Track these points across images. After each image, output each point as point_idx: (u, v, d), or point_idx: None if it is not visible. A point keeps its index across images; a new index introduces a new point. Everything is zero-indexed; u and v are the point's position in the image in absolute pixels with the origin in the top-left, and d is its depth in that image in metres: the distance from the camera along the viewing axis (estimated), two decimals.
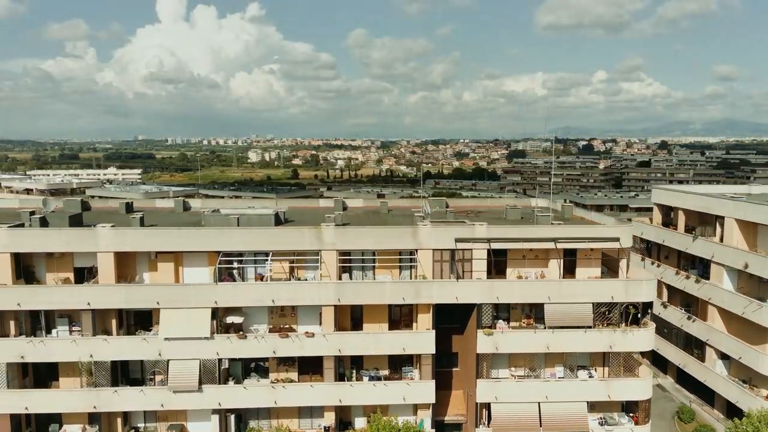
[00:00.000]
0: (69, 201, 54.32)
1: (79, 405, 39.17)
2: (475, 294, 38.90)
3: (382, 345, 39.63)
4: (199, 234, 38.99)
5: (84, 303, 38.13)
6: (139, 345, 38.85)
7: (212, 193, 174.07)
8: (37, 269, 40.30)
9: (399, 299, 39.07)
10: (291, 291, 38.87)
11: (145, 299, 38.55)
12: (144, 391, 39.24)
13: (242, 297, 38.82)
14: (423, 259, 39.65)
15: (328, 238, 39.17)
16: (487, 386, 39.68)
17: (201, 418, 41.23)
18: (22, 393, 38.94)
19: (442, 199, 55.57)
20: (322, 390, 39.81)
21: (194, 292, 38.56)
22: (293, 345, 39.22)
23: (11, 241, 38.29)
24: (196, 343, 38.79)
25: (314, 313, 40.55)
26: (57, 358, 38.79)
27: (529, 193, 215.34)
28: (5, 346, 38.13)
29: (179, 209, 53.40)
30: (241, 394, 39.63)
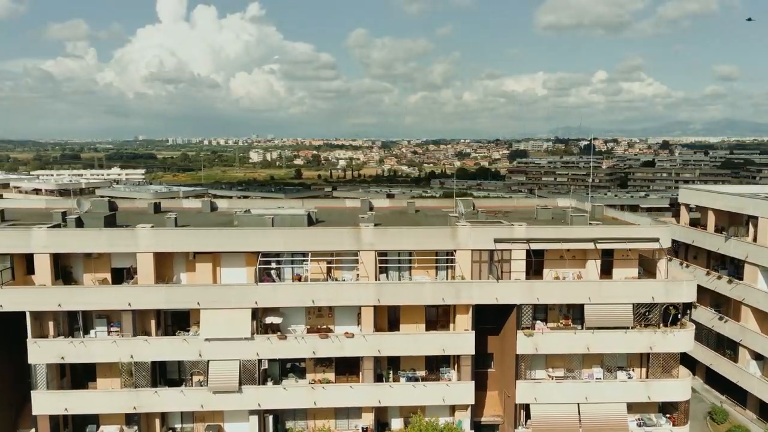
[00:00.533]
0: (97, 201, 54.23)
1: (119, 406, 39.14)
2: (515, 295, 38.85)
3: (421, 346, 39.60)
4: (239, 234, 38.94)
5: (125, 303, 38.09)
6: (179, 346, 38.80)
7: (220, 193, 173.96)
8: (75, 270, 40.25)
9: (439, 300, 39.04)
10: (331, 291, 38.82)
11: (186, 300, 38.50)
12: (184, 391, 39.19)
13: (282, 297, 38.77)
14: (461, 260, 39.60)
15: (366, 238, 39.13)
16: (526, 387, 39.62)
17: (238, 419, 41.19)
18: (62, 394, 38.87)
19: (469, 200, 55.52)
20: (361, 391, 39.77)
21: (235, 292, 38.50)
22: (333, 345, 39.18)
23: (51, 242, 38.22)
24: (236, 343, 38.73)
25: (351, 313, 40.53)
26: (97, 359, 38.73)
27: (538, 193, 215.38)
28: (46, 347, 38.06)
29: (206, 210, 53.26)
30: (280, 394, 39.60)
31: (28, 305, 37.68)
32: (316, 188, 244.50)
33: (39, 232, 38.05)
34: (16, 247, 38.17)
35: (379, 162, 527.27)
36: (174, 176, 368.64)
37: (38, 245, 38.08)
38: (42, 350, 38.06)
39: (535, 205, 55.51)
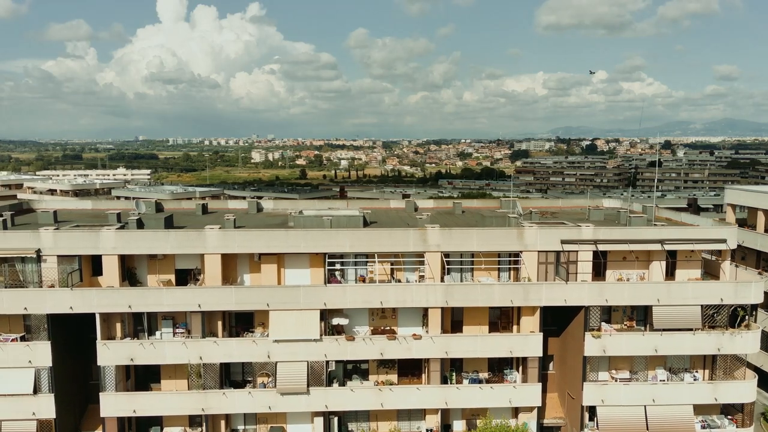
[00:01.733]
0: (140, 202, 54.15)
1: (187, 407, 39.11)
2: (584, 296, 38.82)
3: (488, 347, 39.59)
4: (306, 236, 38.88)
5: (195, 305, 38.05)
6: (248, 347, 38.77)
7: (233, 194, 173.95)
8: (139, 271, 40.23)
9: (507, 301, 39.03)
10: (399, 293, 38.78)
11: (256, 301, 38.45)
12: (251, 393, 39.13)
13: (351, 299, 38.71)
14: (527, 261, 39.58)
15: (433, 239, 39.12)
16: (594, 389, 39.58)
17: (300, 420, 41.23)
18: (130, 396, 38.82)
19: (514, 200, 55.50)
20: (428, 392, 39.76)
21: (304, 293, 38.47)
22: (400, 347, 39.16)
23: (119, 243, 38.18)
24: (304, 344, 38.72)
25: (415, 314, 40.55)
26: (167, 361, 38.67)
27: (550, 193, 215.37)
28: (116, 348, 38.01)
29: (253, 210, 53.32)
30: (347, 396, 39.57)
31: (99, 307, 37.64)
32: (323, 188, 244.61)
33: (108, 233, 38.00)
34: (84, 248, 38.10)
35: (381, 162, 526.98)
36: (178, 176, 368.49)
37: (107, 247, 38.04)
38: (111, 352, 37.99)
39: (579, 206, 55.84)
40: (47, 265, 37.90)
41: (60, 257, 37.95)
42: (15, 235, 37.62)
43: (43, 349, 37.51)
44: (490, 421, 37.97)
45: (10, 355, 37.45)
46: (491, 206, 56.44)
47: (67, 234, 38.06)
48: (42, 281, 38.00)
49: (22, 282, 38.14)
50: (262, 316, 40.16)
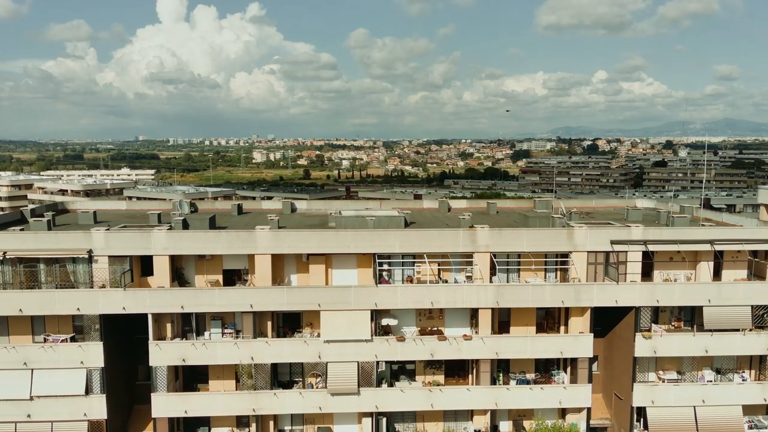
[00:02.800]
0: (178, 203, 54.13)
1: (237, 408, 39.12)
2: (635, 297, 38.83)
3: (539, 348, 39.58)
4: (357, 236, 38.86)
5: (247, 305, 38.04)
6: (299, 347, 38.77)
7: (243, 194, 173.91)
8: (187, 271, 40.18)
9: (558, 302, 39.03)
10: (450, 293, 38.77)
11: (307, 301, 38.44)
12: (302, 393, 39.12)
13: (402, 299, 38.71)
14: (576, 262, 39.58)
15: (482, 240, 39.12)
16: (644, 390, 39.60)
17: (346, 421, 41.23)
18: (182, 396, 38.80)
19: (549, 200, 55.58)
20: (478, 393, 39.77)
21: (355, 294, 38.45)
22: (451, 348, 39.16)
23: (171, 244, 38.14)
24: (355, 345, 38.71)
25: (462, 315, 40.56)
26: (218, 361, 38.65)
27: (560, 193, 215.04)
28: (168, 349, 37.99)
29: (287, 211, 53.40)
30: (397, 396, 39.57)
31: (151, 307, 37.62)
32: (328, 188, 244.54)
33: (159, 234, 37.97)
34: (136, 249, 38.05)
35: (383, 162, 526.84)
36: (181, 176, 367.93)
37: (158, 247, 38.01)
38: (163, 352, 37.97)
39: (612, 206, 55.92)
40: (98, 266, 37.86)
41: (111, 258, 37.89)
42: (67, 236, 37.59)
43: (95, 350, 37.50)
44: (543, 422, 37.94)
45: (62, 355, 37.41)
46: (524, 206, 56.54)
47: (119, 235, 38.03)
48: (93, 282, 37.92)
49: (73, 283, 38.08)
50: (309, 316, 40.16)
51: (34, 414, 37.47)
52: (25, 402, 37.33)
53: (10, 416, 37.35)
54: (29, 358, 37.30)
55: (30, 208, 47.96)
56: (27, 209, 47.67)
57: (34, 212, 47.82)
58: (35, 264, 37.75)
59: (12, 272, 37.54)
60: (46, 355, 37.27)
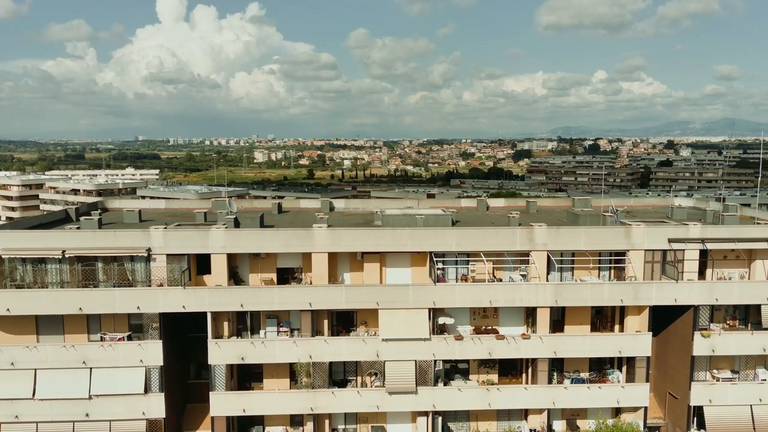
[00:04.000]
0: (216, 202, 54.01)
1: (295, 406, 39.02)
2: (694, 295, 38.72)
3: (597, 347, 39.46)
4: (414, 234, 38.73)
5: (306, 303, 37.89)
6: (357, 346, 38.64)
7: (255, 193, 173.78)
8: (241, 269, 40.05)
9: (617, 301, 38.92)
10: (508, 292, 38.64)
11: (366, 300, 38.31)
12: (360, 392, 38.96)
13: (460, 298, 38.57)
14: (634, 260, 39.46)
15: (540, 238, 38.99)
16: (701, 389, 39.50)
17: (400, 420, 41.13)
18: (240, 395, 38.68)
19: (588, 199, 55.53)
20: (535, 392, 39.64)
21: (413, 292, 38.32)
22: (508, 347, 39.03)
23: (228, 242, 37.98)
24: (412, 344, 38.56)
25: (517, 314, 40.44)
26: (276, 359, 38.53)
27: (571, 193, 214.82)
28: (226, 347, 37.85)
29: (326, 210, 53.29)
30: (455, 396, 39.45)
31: (211, 306, 37.50)
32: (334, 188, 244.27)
33: (217, 232, 37.83)
34: (194, 247, 37.91)
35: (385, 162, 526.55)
36: (185, 176, 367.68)
37: (216, 245, 37.86)
38: (222, 351, 37.81)
39: (650, 205, 55.87)
40: (156, 264, 37.71)
41: (169, 256, 37.73)
42: (126, 234, 37.42)
43: (155, 349, 37.33)
44: (605, 421, 37.81)
45: (122, 354, 37.26)
46: (563, 205, 56.46)
47: (177, 233, 37.89)
48: (151, 280, 37.75)
49: (131, 281, 37.91)
50: (364, 315, 40.04)
51: (93, 413, 37.30)
52: (83, 401, 37.16)
53: (68, 416, 37.20)
54: (88, 357, 37.13)
55: (75, 208, 47.72)
56: (72, 208, 47.48)
57: (79, 211, 47.68)
58: (93, 262, 37.56)
59: (69, 271, 37.32)
60: (106, 354, 37.10)
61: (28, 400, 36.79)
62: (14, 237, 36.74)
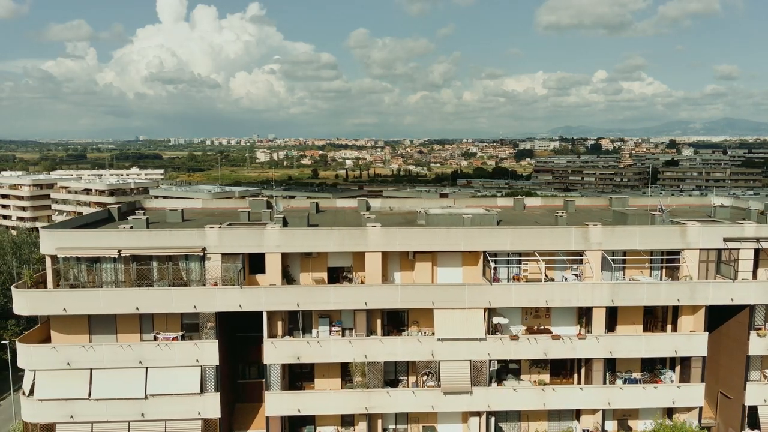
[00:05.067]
0: (254, 201, 53.89)
1: (350, 406, 38.82)
2: (750, 294, 38.53)
3: (652, 347, 39.27)
4: (467, 233, 38.52)
5: (361, 303, 37.69)
6: (412, 345, 38.42)
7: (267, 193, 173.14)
8: (292, 269, 39.82)
9: (673, 300, 38.74)
10: (565, 292, 38.43)
11: (421, 299, 38.11)
12: (415, 392, 38.75)
13: (515, 297, 38.38)
14: (688, 260, 39.26)
15: (595, 237, 38.78)
16: (756, 389, 39.34)
17: (451, 420, 40.99)
18: (296, 395, 38.52)
19: (626, 198, 55.36)
20: (591, 392, 39.45)
21: (468, 292, 38.14)
22: (564, 347, 38.83)
23: (283, 241, 37.78)
24: (467, 343, 38.37)
25: (568, 313, 40.24)
26: (331, 359, 38.35)
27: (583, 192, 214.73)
28: (282, 347, 37.67)
29: (362, 209, 53.13)
30: (510, 396, 39.25)
31: (267, 305, 37.32)
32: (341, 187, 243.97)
33: (272, 231, 37.63)
34: (249, 246, 37.70)
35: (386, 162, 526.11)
36: (188, 176, 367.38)
37: (271, 245, 37.66)
38: (278, 350, 37.61)
39: (688, 204, 55.69)
40: (211, 263, 37.49)
41: (224, 255, 37.51)
42: (181, 233, 37.23)
43: (211, 348, 37.13)
44: (664, 422, 37.64)
45: (178, 354, 37.04)
46: (599, 204, 56.27)
47: (232, 232, 37.66)
48: (205, 279, 37.54)
49: (185, 280, 37.69)
50: (415, 314, 39.87)
51: (148, 413, 37.05)
52: (139, 401, 36.91)
53: (123, 416, 36.95)
54: (144, 357, 36.90)
55: (117, 207, 47.46)
56: (114, 208, 47.22)
57: (121, 210, 47.46)
58: (148, 262, 37.33)
59: (124, 270, 37.09)
60: (162, 354, 36.87)
61: (84, 400, 36.52)
62: (70, 236, 36.52)
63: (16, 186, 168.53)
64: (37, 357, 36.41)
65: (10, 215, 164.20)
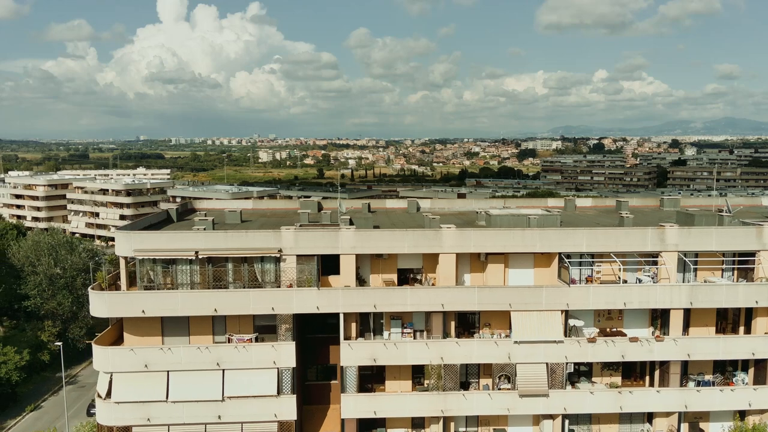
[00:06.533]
0: (305, 202, 53.56)
1: (425, 409, 38.54)
2: None
3: (729, 349, 38.90)
4: (543, 235, 38.15)
5: (438, 305, 37.34)
6: (488, 348, 38.07)
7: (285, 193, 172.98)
8: (362, 270, 39.43)
9: (751, 302, 38.41)
10: (643, 294, 38.05)
11: (498, 301, 37.74)
12: (491, 395, 38.39)
13: (593, 299, 38.02)
14: (765, 260, 38.91)
15: (671, 239, 38.41)
16: None
17: (521, 423, 40.63)
18: (372, 397, 38.13)
19: (678, 198, 55.05)
20: (667, 395, 39.09)
21: (546, 294, 37.75)
22: (642, 349, 38.49)
23: (358, 243, 37.42)
24: (544, 346, 38.02)
25: (641, 316, 39.91)
26: (408, 361, 38.02)
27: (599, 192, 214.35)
28: (359, 349, 37.35)
29: (413, 210, 52.88)
30: (586, 398, 38.89)
31: (344, 307, 37.00)
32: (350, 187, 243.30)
33: (347, 233, 37.26)
34: (324, 248, 37.31)
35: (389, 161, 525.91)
36: (194, 176, 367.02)
37: (346, 246, 37.29)
38: (354, 352, 37.25)
39: (741, 204, 55.26)
40: (286, 265, 37.10)
41: (299, 257, 37.13)
42: (257, 235, 36.84)
43: (288, 350, 36.79)
44: (745, 424, 37.29)
45: (255, 356, 36.66)
46: (650, 204, 55.97)
47: (308, 234, 37.27)
48: (280, 281, 37.17)
49: (260, 282, 37.33)
50: (487, 316, 39.50)
51: (224, 415, 36.67)
52: (216, 403, 36.55)
53: (200, 418, 36.59)
54: (221, 359, 36.53)
55: (175, 209, 47.08)
56: (172, 210, 46.82)
57: (178, 212, 47.11)
58: (224, 263, 36.96)
59: (200, 272, 36.70)
60: (239, 356, 36.51)
61: (161, 402, 36.13)
62: (148, 238, 36.13)
63: (31, 186, 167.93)
64: (115, 359, 36.02)
65: (25, 215, 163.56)
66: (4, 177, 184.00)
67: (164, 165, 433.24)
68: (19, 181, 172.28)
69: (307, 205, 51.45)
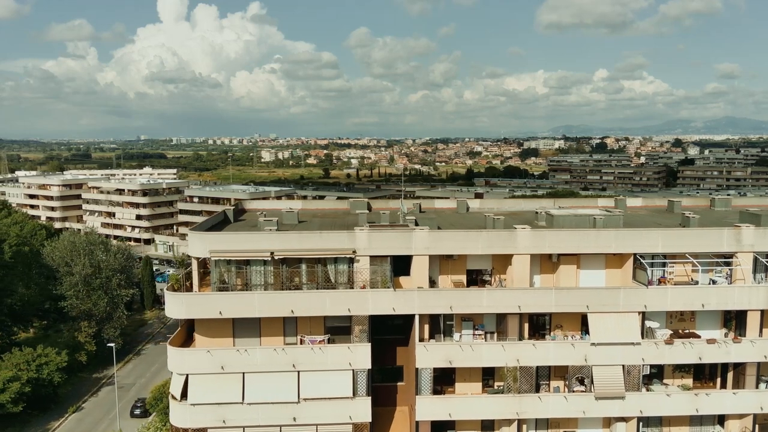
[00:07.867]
0: (355, 202, 52.97)
1: (500, 411, 38.00)
2: None
3: None
4: (618, 235, 37.66)
5: (514, 306, 36.83)
6: (565, 350, 37.55)
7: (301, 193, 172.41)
8: (432, 271, 38.84)
9: None
10: (721, 295, 37.56)
11: (576, 303, 37.24)
12: (567, 397, 37.90)
13: (671, 301, 37.50)
14: None
15: (747, 239, 37.93)
16: None
17: (591, 426, 40.13)
18: (446, 399, 37.69)
19: (729, 198, 54.54)
20: (744, 397, 38.61)
21: (624, 295, 37.23)
22: (719, 351, 38.00)
23: (432, 244, 36.91)
24: (621, 348, 37.51)
25: (713, 317, 39.42)
26: (484, 363, 37.53)
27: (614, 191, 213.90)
28: (435, 350, 36.83)
29: (462, 210, 52.32)
30: (662, 401, 38.40)
31: (420, 308, 36.51)
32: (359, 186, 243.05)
33: (421, 233, 36.75)
34: (398, 249, 36.80)
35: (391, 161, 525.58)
36: (199, 175, 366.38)
37: (419, 247, 36.78)
38: (430, 354, 36.74)
39: None
40: (359, 266, 36.58)
41: (372, 257, 36.62)
42: (331, 236, 36.32)
43: (363, 351, 36.31)
44: None
45: (330, 357, 36.14)
46: (700, 204, 55.44)
47: (382, 234, 36.77)
48: (353, 282, 36.64)
49: (334, 283, 36.81)
50: (558, 318, 38.98)
51: (300, 417, 36.16)
52: (291, 405, 36.02)
53: (276, 420, 36.06)
54: (297, 360, 36.02)
55: (232, 209, 46.51)
56: (230, 210, 46.23)
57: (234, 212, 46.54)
58: (298, 264, 36.44)
59: (274, 272, 36.18)
60: (315, 357, 36.00)
61: (237, 404, 35.60)
62: (223, 239, 35.62)
63: (45, 186, 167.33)
64: (191, 361, 35.52)
65: (39, 215, 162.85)
66: (17, 177, 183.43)
67: (167, 165, 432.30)
68: (33, 180, 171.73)
69: (357, 206, 50.83)
